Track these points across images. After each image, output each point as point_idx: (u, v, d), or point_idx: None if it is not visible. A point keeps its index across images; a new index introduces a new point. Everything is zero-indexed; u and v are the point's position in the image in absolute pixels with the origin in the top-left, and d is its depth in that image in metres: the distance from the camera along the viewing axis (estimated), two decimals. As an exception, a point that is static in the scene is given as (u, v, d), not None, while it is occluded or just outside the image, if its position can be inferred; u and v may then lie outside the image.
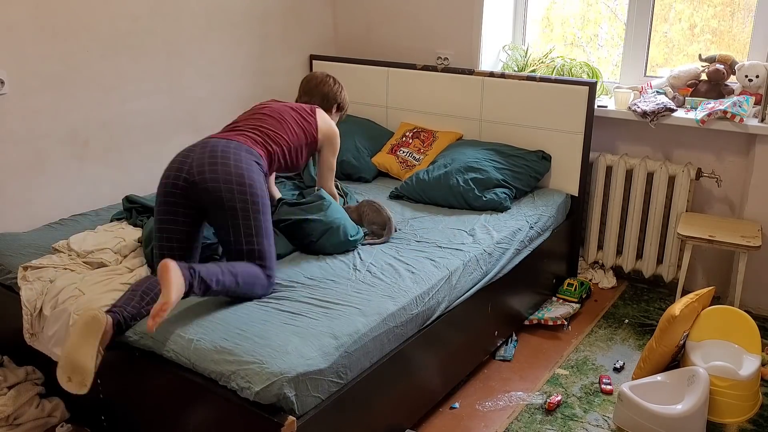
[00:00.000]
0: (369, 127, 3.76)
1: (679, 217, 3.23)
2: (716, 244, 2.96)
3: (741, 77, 3.13)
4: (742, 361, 2.54)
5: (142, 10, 3.08)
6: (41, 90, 2.79)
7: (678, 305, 2.57)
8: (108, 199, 3.06)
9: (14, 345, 2.45)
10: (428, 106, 3.66)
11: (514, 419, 2.50)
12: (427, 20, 3.80)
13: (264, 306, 2.15)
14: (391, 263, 2.48)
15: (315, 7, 3.99)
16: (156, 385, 2.10)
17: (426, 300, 2.32)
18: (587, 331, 3.10)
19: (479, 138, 3.54)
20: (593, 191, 3.50)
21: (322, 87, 2.85)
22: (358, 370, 2.05)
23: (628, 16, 3.44)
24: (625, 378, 2.73)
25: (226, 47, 3.52)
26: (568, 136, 3.28)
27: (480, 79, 3.46)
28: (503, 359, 2.88)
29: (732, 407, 2.46)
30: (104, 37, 2.96)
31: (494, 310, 2.78)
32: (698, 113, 3.10)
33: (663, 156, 3.40)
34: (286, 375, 1.80)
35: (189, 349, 1.96)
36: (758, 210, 3.12)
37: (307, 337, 1.97)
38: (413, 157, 3.48)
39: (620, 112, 3.29)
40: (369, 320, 2.10)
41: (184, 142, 3.38)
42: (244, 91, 3.67)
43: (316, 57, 4.00)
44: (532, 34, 3.84)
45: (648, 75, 3.51)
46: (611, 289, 3.51)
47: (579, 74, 3.51)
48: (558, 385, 2.70)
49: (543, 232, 3.07)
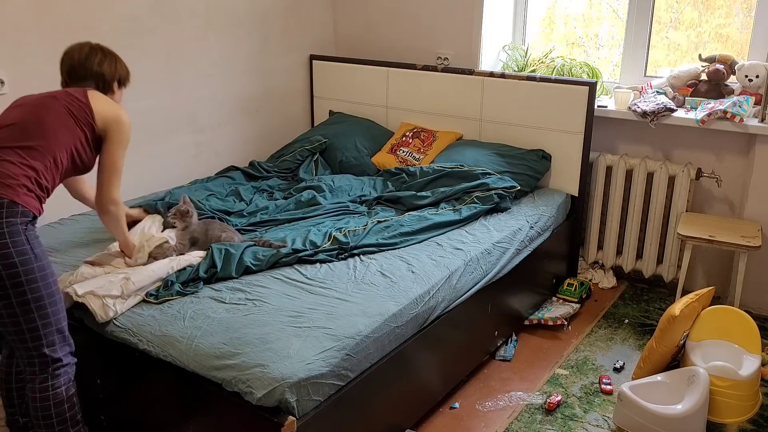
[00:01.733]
0: (369, 127, 3.76)
1: (679, 217, 3.23)
2: (716, 244, 2.96)
3: (741, 77, 3.13)
4: (742, 361, 2.54)
5: (142, 10, 3.08)
6: (41, 90, 2.78)
7: (678, 305, 2.57)
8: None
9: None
10: (428, 106, 3.66)
11: (514, 419, 2.50)
12: (427, 20, 3.79)
13: (264, 307, 2.14)
14: (392, 263, 2.48)
15: (315, 7, 3.99)
16: (155, 385, 2.10)
17: (426, 300, 2.31)
18: (587, 331, 3.10)
19: (479, 138, 3.54)
20: (593, 191, 3.50)
21: (89, 64, 2.18)
22: (359, 371, 2.04)
23: (628, 16, 3.44)
24: (625, 378, 2.73)
25: (226, 47, 3.51)
26: (568, 136, 3.28)
27: (480, 79, 3.46)
28: (503, 359, 2.88)
29: (732, 407, 2.46)
30: (104, 37, 2.95)
31: (494, 310, 2.78)
32: (698, 113, 3.10)
33: (663, 156, 3.40)
34: (287, 380, 1.80)
35: (189, 353, 1.96)
36: (758, 210, 3.12)
37: (308, 339, 1.96)
38: (413, 156, 3.49)
39: (620, 112, 3.29)
40: (370, 321, 2.09)
41: (184, 142, 3.42)
42: (244, 91, 3.67)
43: (316, 57, 4.00)
44: (532, 34, 3.84)
45: (648, 75, 3.51)
46: (611, 289, 3.51)
47: (579, 74, 3.51)
48: (558, 385, 2.70)
49: (543, 232, 3.07)
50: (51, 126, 1.98)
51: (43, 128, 1.96)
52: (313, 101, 4.09)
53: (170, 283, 2.25)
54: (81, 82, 2.18)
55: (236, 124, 3.68)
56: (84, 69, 2.18)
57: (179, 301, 2.19)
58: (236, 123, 3.68)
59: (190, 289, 2.24)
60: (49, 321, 1.88)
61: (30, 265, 1.83)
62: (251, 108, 3.74)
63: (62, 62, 2.22)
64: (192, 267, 2.35)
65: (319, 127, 3.86)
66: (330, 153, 3.59)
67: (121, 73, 2.26)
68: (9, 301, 1.82)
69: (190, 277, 2.29)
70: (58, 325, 1.92)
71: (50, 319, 1.88)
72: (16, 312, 1.83)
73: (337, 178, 3.30)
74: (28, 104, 2.04)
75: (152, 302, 2.18)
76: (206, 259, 2.38)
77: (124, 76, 2.28)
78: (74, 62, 2.19)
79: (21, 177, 1.87)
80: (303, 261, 2.46)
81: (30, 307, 1.84)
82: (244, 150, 3.74)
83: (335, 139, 3.63)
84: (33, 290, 1.83)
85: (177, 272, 2.32)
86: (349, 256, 2.53)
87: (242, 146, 3.73)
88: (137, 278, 2.20)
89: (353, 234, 2.64)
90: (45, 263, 1.88)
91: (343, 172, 3.48)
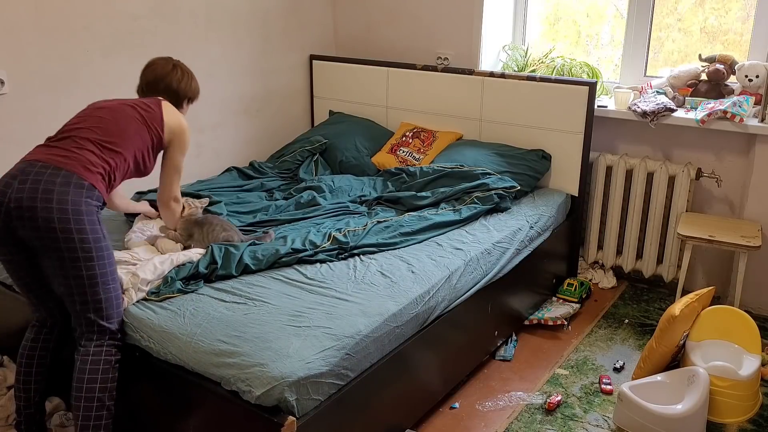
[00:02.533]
0: (369, 127, 3.76)
1: (679, 217, 3.23)
2: (716, 244, 2.96)
3: (741, 77, 3.13)
4: (742, 361, 2.54)
5: (142, 10, 3.08)
6: (41, 90, 2.79)
7: (678, 305, 2.57)
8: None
9: (14, 345, 2.44)
10: (428, 106, 3.66)
11: (514, 419, 2.50)
12: (427, 20, 3.80)
13: (264, 306, 2.14)
14: (392, 263, 2.48)
15: (315, 7, 3.99)
16: (155, 385, 2.10)
17: (426, 300, 2.31)
18: (587, 331, 3.10)
19: (479, 138, 3.54)
20: (593, 191, 3.50)
21: (169, 80, 2.43)
22: (359, 370, 2.04)
23: (628, 16, 3.45)
24: (625, 378, 2.73)
25: (226, 47, 3.52)
26: (568, 136, 3.28)
27: (480, 79, 3.46)
28: (503, 359, 2.88)
29: (732, 407, 2.46)
30: (104, 37, 2.96)
31: (494, 310, 2.78)
32: (698, 113, 3.10)
33: (663, 156, 3.40)
34: (287, 379, 1.80)
35: (188, 351, 1.96)
36: (758, 210, 3.12)
37: (308, 338, 1.96)
38: (413, 156, 3.49)
39: (620, 112, 3.29)
40: (370, 321, 2.09)
41: (184, 142, 3.41)
42: (245, 91, 3.67)
43: (316, 57, 4.00)
44: (532, 34, 3.84)
45: (648, 75, 3.51)
46: (611, 289, 3.51)
47: (579, 74, 3.51)
48: (558, 385, 2.70)
49: (543, 231, 3.07)
50: (128, 132, 2.18)
51: (121, 132, 2.17)
52: (313, 101, 4.09)
53: (170, 279, 2.26)
54: (156, 94, 2.40)
55: (236, 124, 3.68)
56: (164, 84, 2.42)
57: (179, 298, 2.19)
58: (236, 123, 3.68)
59: (191, 287, 2.25)
60: (110, 296, 2.06)
61: (100, 243, 2.02)
62: (251, 108, 3.74)
63: (145, 73, 2.45)
64: (192, 263, 2.35)
65: (319, 127, 3.86)
66: (330, 153, 3.59)
67: (194, 92, 2.52)
68: (80, 273, 1.99)
69: (190, 273, 2.30)
70: (117, 300, 2.09)
71: (111, 294, 2.06)
72: (84, 284, 2.00)
73: (337, 178, 3.31)
74: (109, 108, 2.23)
75: (153, 299, 2.19)
76: (206, 256, 2.39)
77: (195, 94, 2.53)
78: (157, 76, 2.43)
79: (100, 167, 2.08)
80: (303, 261, 2.46)
81: (97, 281, 2.01)
82: (244, 150, 3.74)
83: (335, 139, 3.63)
84: (101, 266, 2.01)
85: (177, 267, 2.33)
86: (349, 256, 2.53)
87: (242, 146, 3.74)
88: (143, 272, 2.23)
89: (353, 234, 2.64)
90: (110, 244, 2.08)
91: (343, 172, 3.49)
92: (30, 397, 2.22)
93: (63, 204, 1.94)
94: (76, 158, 2.04)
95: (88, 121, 2.16)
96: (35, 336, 2.23)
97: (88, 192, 2.02)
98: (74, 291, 2.01)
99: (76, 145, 2.08)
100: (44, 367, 2.22)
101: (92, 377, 2.02)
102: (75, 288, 2.00)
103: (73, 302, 2.03)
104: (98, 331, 2.04)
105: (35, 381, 2.22)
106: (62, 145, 2.08)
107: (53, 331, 2.23)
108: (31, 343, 2.22)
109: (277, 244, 2.52)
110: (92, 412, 2.01)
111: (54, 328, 2.23)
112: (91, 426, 2.00)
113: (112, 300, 2.06)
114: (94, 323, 2.03)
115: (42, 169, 1.99)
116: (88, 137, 2.11)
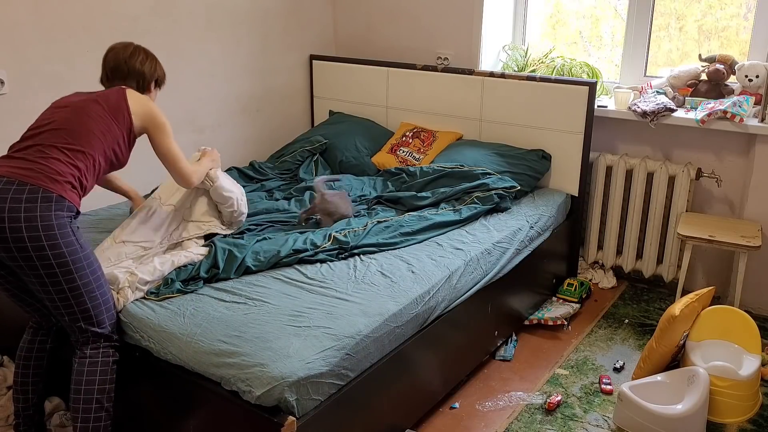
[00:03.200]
0: (369, 127, 3.76)
1: (679, 217, 3.23)
2: (716, 244, 2.96)
3: (741, 77, 3.13)
4: (742, 361, 2.54)
5: (142, 10, 3.08)
6: (41, 90, 2.79)
7: (678, 305, 2.57)
8: (107, 199, 3.05)
9: (14, 345, 2.44)
10: (428, 106, 3.66)
11: (514, 419, 2.50)
12: (427, 20, 3.80)
13: (264, 306, 2.14)
14: (392, 262, 2.48)
15: (315, 7, 3.99)
16: (155, 385, 2.10)
17: (426, 300, 2.31)
18: (587, 331, 3.10)
19: (479, 138, 3.54)
20: (593, 191, 3.50)
21: (132, 62, 2.30)
22: (359, 370, 2.04)
23: (628, 16, 3.45)
24: (625, 378, 2.73)
25: (226, 47, 3.52)
26: (568, 136, 3.28)
27: (480, 79, 3.46)
28: (503, 359, 2.88)
29: (732, 407, 2.46)
30: (104, 37, 2.96)
31: (494, 310, 2.78)
32: (698, 113, 3.10)
33: (663, 156, 3.40)
34: (287, 379, 1.80)
35: (188, 351, 1.96)
36: (758, 210, 3.12)
37: (308, 338, 1.96)
38: (413, 156, 3.49)
39: (620, 112, 3.29)
40: (370, 321, 2.09)
41: (184, 142, 3.40)
42: (244, 90, 3.67)
43: (316, 57, 4.00)
44: (532, 34, 3.84)
45: (648, 75, 3.51)
46: (611, 289, 3.51)
47: (579, 74, 3.51)
48: (558, 385, 2.70)
49: (543, 231, 3.07)
50: (95, 132, 2.09)
51: (87, 133, 2.08)
52: (313, 101, 4.09)
53: (170, 280, 2.26)
54: (122, 80, 2.30)
55: (236, 124, 3.68)
56: (127, 67, 2.30)
57: (179, 298, 2.19)
58: (236, 123, 3.68)
59: (191, 287, 2.25)
60: (97, 302, 2.03)
61: (77, 254, 1.96)
62: (251, 108, 3.74)
63: (106, 59, 2.33)
64: (193, 265, 2.35)
65: (319, 127, 3.86)
66: (330, 153, 3.59)
67: (159, 74, 2.40)
68: (60, 287, 1.96)
69: (190, 275, 2.29)
70: (107, 305, 2.07)
71: (99, 301, 2.03)
72: (67, 297, 1.97)
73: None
74: (72, 107, 2.12)
75: (152, 299, 2.19)
76: (208, 258, 2.38)
77: (161, 77, 2.42)
78: (119, 60, 2.30)
79: (67, 175, 2.00)
80: (303, 261, 2.46)
81: (80, 292, 1.98)
82: (244, 150, 3.74)
83: (335, 139, 3.63)
84: (82, 276, 1.97)
85: (178, 269, 2.33)
86: (350, 255, 2.53)
87: (242, 146, 3.74)
88: (142, 272, 2.23)
89: (353, 234, 2.64)
90: (89, 252, 2.03)
91: (343, 172, 3.48)
92: (28, 399, 2.22)
93: (32, 221, 1.88)
94: (41, 170, 1.95)
95: (52, 123, 2.07)
96: (32, 337, 2.22)
97: (57, 204, 1.94)
98: (59, 304, 1.98)
99: (41, 154, 1.99)
100: (42, 369, 2.22)
101: (90, 379, 2.02)
102: (60, 302, 1.98)
103: (61, 315, 2.01)
104: (92, 337, 2.04)
105: (33, 382, 2.22)
106: (26, 156, 1.99)
107: (50, 332, 2.23)
108: (28, 345, 2.22)
109: (278, 245, 2.52)
110: (91, 414, 2.01)
111: (51, 330, 2.23)
112: (90, 428, 2.00)
113: (101, 306, 2.03)
114: (87, 331, 2.02)
115: (6, 185, 1.91)
116: (53, 144, 2.02)
